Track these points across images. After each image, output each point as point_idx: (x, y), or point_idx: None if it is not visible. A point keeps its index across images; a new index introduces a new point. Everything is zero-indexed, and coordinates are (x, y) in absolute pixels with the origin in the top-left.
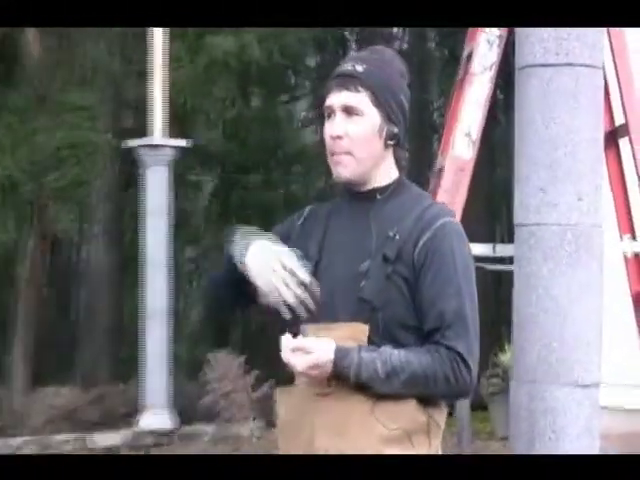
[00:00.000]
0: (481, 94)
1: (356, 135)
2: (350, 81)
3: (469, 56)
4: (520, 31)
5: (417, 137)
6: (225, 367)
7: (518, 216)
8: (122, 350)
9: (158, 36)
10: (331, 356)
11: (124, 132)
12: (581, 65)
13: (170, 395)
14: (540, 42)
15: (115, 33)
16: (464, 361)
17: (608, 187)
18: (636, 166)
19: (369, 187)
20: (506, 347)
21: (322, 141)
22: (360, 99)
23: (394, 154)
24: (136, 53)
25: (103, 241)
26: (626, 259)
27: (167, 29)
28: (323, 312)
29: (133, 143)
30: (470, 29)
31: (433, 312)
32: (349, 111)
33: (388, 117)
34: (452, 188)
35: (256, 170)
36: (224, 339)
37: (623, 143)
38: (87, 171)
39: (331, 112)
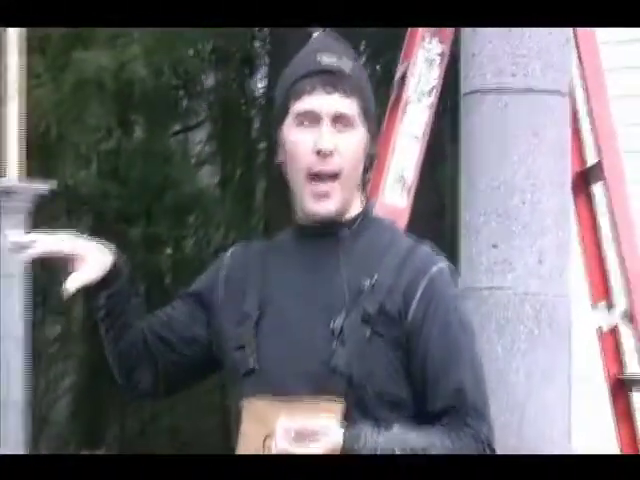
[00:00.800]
0: (418, 126)
1: (347, 153)
2: (340, 81)
3: (403, 78)
4: (466, 47)
5: None
6: None
7: (465, 278)
8: None
9: (13, 46)
10: (340, 440)
11: None
12: (543, 91)
13: None
14: (492, 61)
15: None
16: (489, 446)
17: (577, 244)
18: (613, 217)
19: (332, 221)
20: None
21: (226, 181)
22: (352, 107)
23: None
24: None
25: None
26: (600, 334)
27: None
28: (275, 384)
29: None
30: (405, 45)
31: (446, 387)
32: (339, 121)
33: (372, 134)
34: None
35: (137, 220)
36: (97, 437)
37: (596, 188)
38: None
39: (313, 119)
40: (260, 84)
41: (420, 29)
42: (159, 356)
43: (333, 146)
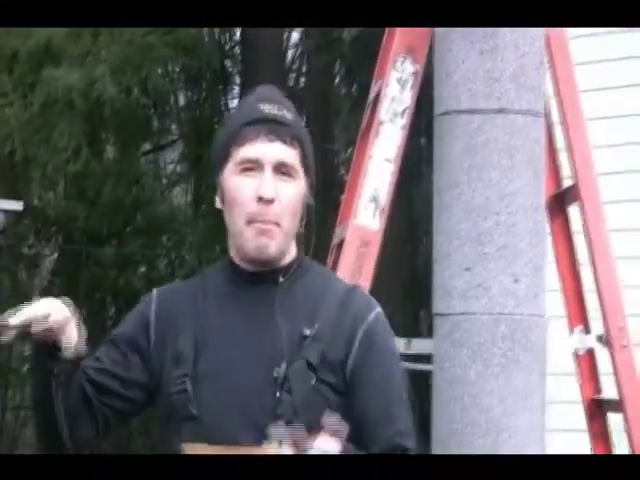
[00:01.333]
0: (391, 147)
1: (288, 201)
2: (282, 130)
3: (376, 99)
4: (440, 67)
5: (317, 200)
6: None
7: (438, 304)
8: None
9: None
10: None
11: None
12: (517, 112)
13: None
14: (465, 82)
15: None
16: None
17: (552, 267)
18: (589, 239)
19: (268, 267)
20: None
21: (199, 201)
22: (293, 156)
23: None
24: None
25: None
26: (577, 357)
27: None
28: (216, 431)
29: None
30: (378, 64)
31: (386, 432)
32: (280, 169)
33: (310, 185)
34: (353, 268)
35: (109, 241)
36: None
37: (572, 211)
38: None
39: (256, 167)
40: (233, 103)
41: (392, 50)
42: (98, 404)
43: (274, 194)
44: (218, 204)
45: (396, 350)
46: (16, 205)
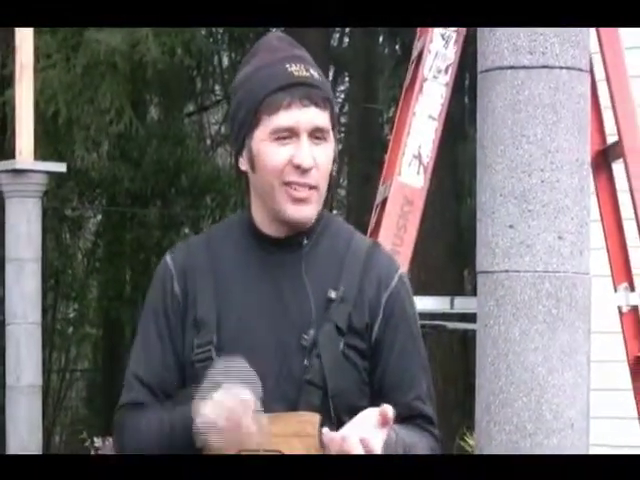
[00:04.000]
0: (434, 104)
1: (324, 166)
2: (315, 93)
3: (419, 56)
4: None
5: (361, 160)
6: None
7: (482, 261)
8: None
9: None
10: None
11: None
12: (562, 67)
13: None
14: (509, 38)
15: None
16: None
17: (597, 223)
18: (633, 196)
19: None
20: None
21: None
22: (326, 119)
23: None
24: None
25: None
26: (621, 315)
27: None
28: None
29: None
30: None
31: (405, 397)
32: (315, 134)
33: (336, 141)
34: (397, 226)
35: (153, 202)
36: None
37: (617, 167)
38: None
39: (291, 134)
40: None
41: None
42: None
43: (313, 162)
44: (243, 165)
45: (416, 313)
46: (59, 167)
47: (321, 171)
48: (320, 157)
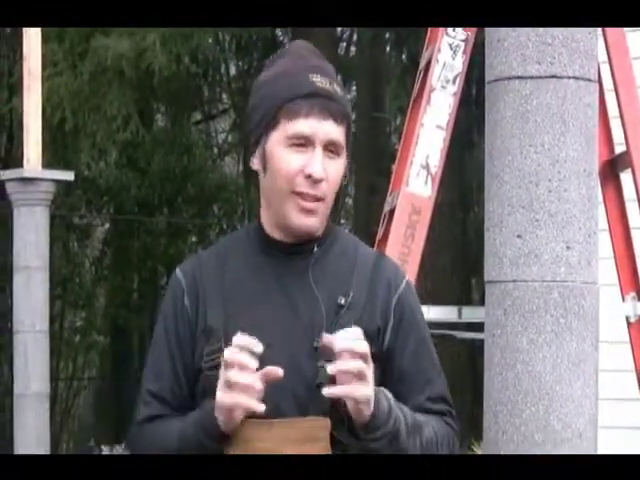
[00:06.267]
0: (442, 114)
1: (333, 180)
2: (334, 108)
3: (427, 66)
4: (491, 34)
5: (368, 169)
6: None
7: (489, 271)
8: None
9: (36, 35)
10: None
11: None
12: (570, 77)
13: None
14: (517, 48)
15: None
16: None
17: (605, 233)
18: None
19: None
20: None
21: (250, 170)
22: (342, 134)
23: None
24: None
25: None
26: (629, 324)
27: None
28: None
29: None
30: (429, 31)
31: (420, 396)
32: (329, 148)
33: (349, 158)
34: (405, 235)
35: (160, 210)
36: (118, 432)
37: (625, 176)
38: None
39: (307, 143)
40: None
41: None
42: None
43: (325, 174)
44: (255, 165)
45: (424, 318)
46: (67, 175)
47: (330, 184)
48: (331, 171)
